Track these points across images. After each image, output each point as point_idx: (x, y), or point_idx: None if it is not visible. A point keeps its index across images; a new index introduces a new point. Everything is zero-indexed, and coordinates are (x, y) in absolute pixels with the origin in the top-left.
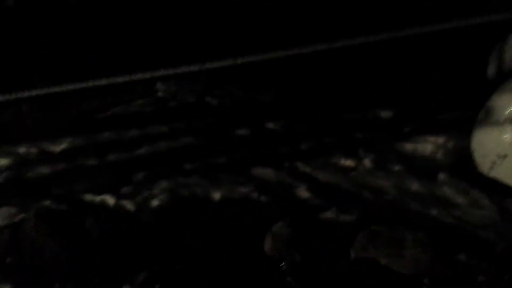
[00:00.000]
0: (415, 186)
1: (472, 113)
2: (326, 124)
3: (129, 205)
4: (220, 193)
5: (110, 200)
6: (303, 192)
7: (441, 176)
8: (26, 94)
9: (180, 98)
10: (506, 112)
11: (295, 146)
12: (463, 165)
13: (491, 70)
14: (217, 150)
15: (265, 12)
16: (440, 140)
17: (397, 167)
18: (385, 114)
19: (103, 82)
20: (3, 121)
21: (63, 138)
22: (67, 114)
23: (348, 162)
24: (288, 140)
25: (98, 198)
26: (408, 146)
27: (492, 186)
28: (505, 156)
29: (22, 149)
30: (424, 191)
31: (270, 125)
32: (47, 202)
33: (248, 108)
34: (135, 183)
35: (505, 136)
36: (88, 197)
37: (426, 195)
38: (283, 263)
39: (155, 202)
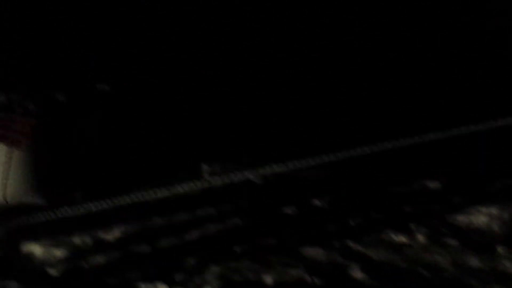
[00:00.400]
0: (473, 261)
1: None
2: (373, 198)
3: None
4: (271, 277)
5: None
6: (356, 273)
7: (500, 249)
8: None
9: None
10: None
11: (344, 223)
12: None
13: None
14: (265, 230)
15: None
16: (494, 210)
17: (452, 242)
18: (434, 185)
19: (164, 192)
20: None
21: (115, 225)
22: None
23: (401, 238)
24: (336, 217)
25: (151, 287)
26: (461, 219)
27: None
28: None
29: (76, 239)
30: (484, 267)
31: (317, 202)
32: None
33: (293, 185)
34: (187, 269)
35: None
36: (142, 286)
37: (486, 271)
38: None
39: None
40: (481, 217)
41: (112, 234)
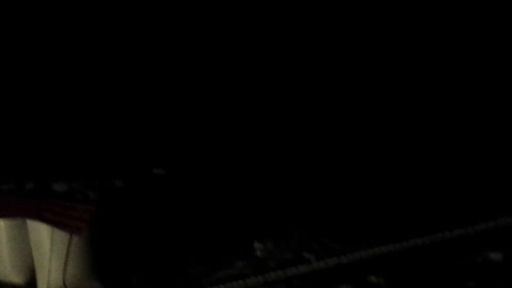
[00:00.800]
0: None
1: None
2: (433, 272)
3: None
4: None
5: None
6: None
7: None
8: None
9: (278, 256)
10: None
11: None
12: None
13: None
14: None
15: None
16: None
17: None
18: (496, 256)
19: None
20: None
21: None
22: (174, 280)
23: None
24: None
25: None
26: None
27: None
28: None
29: None
30: None
31: (373, 278)
32: None
33: (348, 263)
34: None
35: None
36: None
37: None
38: None
39: None
40: None
41: None
